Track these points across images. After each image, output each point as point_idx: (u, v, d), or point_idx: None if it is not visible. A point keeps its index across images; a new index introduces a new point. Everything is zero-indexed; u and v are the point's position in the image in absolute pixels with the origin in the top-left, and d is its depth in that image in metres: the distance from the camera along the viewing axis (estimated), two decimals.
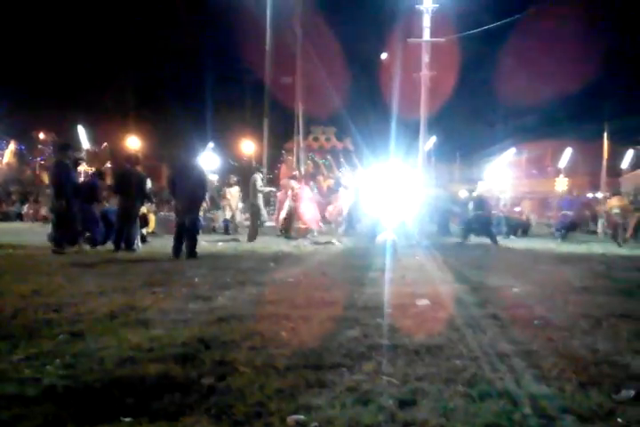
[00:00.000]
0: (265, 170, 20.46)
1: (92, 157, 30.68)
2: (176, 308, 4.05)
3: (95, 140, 31.89)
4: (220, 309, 4.07)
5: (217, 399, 2.22)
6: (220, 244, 10.68)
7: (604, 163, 27.02)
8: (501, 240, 12.57)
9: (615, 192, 14.66)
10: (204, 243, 10.03)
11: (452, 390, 2.34)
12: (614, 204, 13.35)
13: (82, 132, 21.43)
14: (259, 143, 25.80)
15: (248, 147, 33.06)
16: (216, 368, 2.63)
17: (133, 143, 31.68)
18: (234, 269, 6.53)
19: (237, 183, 15.20)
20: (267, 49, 17.47)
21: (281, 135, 30.21)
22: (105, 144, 35.11)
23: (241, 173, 18.36)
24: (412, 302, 4.39)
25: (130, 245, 8.82)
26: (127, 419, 2.01)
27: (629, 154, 27.51)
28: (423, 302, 4.40)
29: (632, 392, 2.29)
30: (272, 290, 4.99)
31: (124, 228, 8.86)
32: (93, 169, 21.56)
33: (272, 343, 3.09)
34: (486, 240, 11.59)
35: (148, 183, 9.86)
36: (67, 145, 9.72)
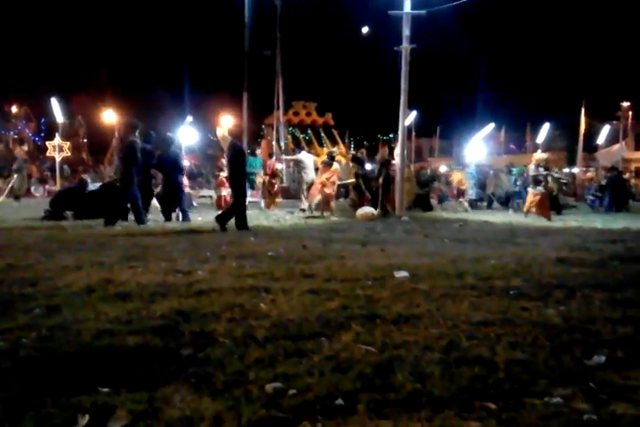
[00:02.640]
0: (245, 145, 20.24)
1: (69, 131, 29.96)
2: (155, 282, 4.02)
3: (70, 113, 31.08)
4: (200, 282, 4.05)
5: (196, 369, 2.22)
6: (200, 218, 10.61)
7: (581, 138, 27.32)
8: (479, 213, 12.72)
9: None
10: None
11: (429, 357, 2.38)
12: None
13: (55, 104, 20.79)
14: (238, 118, 25.38)
15: (227, 121, 32.56)
16: (195, 340, 2.63)
17: (109, 117, 30.93)
18: (214, 243, 6.50)
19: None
20: (245, 21, 17.02)
21: (261, 110, 29.85)
22: (79, 116, 34.26)
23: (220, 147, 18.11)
24: (390, 274, 4.43)
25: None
26: (105, 389, 2.00)
27: (605, 129, 27.80)
28: (402, 273, 4.45)
29: (603, 358, 2.35)
30: (252, 263, 4.98)
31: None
32: (68, 143, 21.09)
33: (251, 315, 3.10)
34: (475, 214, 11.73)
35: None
36: (135, 124, 9.54)
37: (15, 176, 18.47)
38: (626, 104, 33.54)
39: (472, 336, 2.70)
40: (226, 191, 12.58)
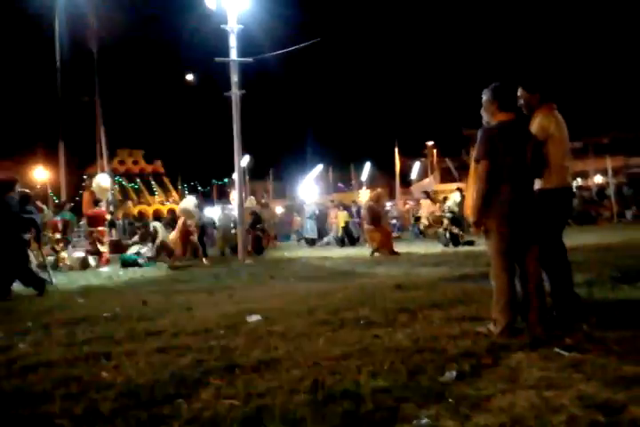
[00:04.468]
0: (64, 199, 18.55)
1: None
2: None
3: None
4: (23, 357, 3.46)
5: None
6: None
7: (397, 174, 30.48)
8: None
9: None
10: None
11: (296, 400, 2.29)
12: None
13: None
14: (54, 169, 23.29)
15: (40, 174, 29.66)
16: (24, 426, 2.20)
17: None
18: (33, 311, 5.68)
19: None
20: (57, 66, 15.92)
21: (82, 159, 27.81)
22: None
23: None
24: (242, 320, 4.29)
25: None
26: None
27: (416, 166, 31.41)
28: (254, 317, 4.33)
29: (454, 373, 2.51)
30: (85, 328, 4.44)
31: None
32: None
33: (92, 387, 2.71)
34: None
35: None
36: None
37: None
38: (430, 143, 38.29)
39: (334, 372, 2.69)
40: None
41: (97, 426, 2.16)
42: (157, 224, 13.33)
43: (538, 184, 3.52)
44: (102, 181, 13.12)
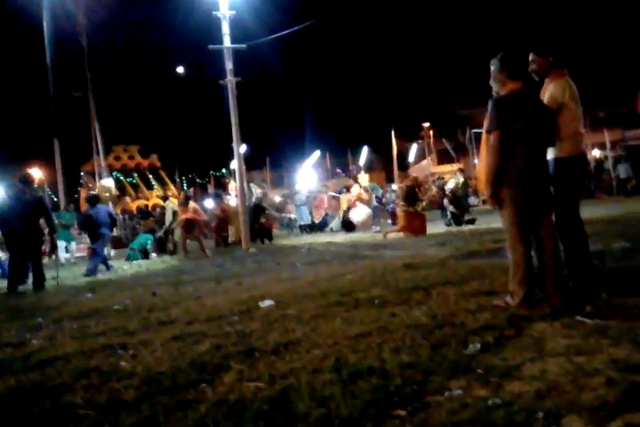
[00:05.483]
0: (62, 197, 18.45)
1: None
2: None
3: None
4: (38, 352, 3.44)
5: None
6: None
7: (395, 158, 30.33)
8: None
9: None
10: None
11: (322, 379, 2.26)
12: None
13: None
14: (49, 168, 23.12)
15: (36, 174, 29.39)
16: (47, 419, 2.17)
17: None
18: (43, 306, 5.66)
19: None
20: (47, 62, 15.69)
21: (78, 157, 27.62)
22: None
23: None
24: (255, 305, 4.26)
25: None
26: None
27: (414, 148, 31.29)
28: (267, 302, 4.30)
29: (478, 345, 2.48)
30: (97, 321, 4.41)
31: None
32: None
33: (113, 377, 2.69)
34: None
35: None
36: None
37: None
38: (426, 125, 38.02)
39: (355, 350, 2.66)
40: None
41: (122, 414, 2.13)
42: (173, 205, 13.29)
43: (552, 153, 3.46)
44: (106, 183, 13.22)
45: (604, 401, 1.72)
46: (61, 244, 13.18)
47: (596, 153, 25.94)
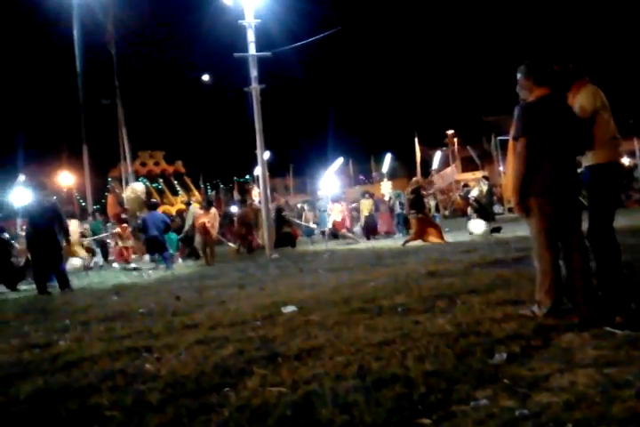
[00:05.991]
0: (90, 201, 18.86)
1: None
2: (7, 362, 3.39)
3: None
4: (65, 353, 3.50)
5: None
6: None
7: (419, 165, 30.14)
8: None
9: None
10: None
11: (345, 385, 2.26)
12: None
13: None
14: (79, 173, 23.60)
15: (66, 179, 30.05)
16: (74, 419, 2.20)
17: None
18: (69, 310, 5.76)
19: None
20: (77, 70, 16.10)
21: (105, 162, 28.17)
22: None
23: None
24: (278, 311, 4.27)
25: None
26: None
27: (437, 156, 31.00)
28: (290, 308, 4.31)
29: (504, 355, 2.44)
30: (123, 324, 4.47)
31: None
32: None
33: (138, 379, 2.72)
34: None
35: None
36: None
37: None
38: (450, 132, 37.71)
39: (379, 357, 2.65)
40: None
41: (147, 415, 2.15)
42: (195, 210, 13.42)
43: (586, 161, 3.38)
44: (137, 186, 13.65)
45: (634, 413, 1.67)
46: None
47: (626, 161, 25.37)
